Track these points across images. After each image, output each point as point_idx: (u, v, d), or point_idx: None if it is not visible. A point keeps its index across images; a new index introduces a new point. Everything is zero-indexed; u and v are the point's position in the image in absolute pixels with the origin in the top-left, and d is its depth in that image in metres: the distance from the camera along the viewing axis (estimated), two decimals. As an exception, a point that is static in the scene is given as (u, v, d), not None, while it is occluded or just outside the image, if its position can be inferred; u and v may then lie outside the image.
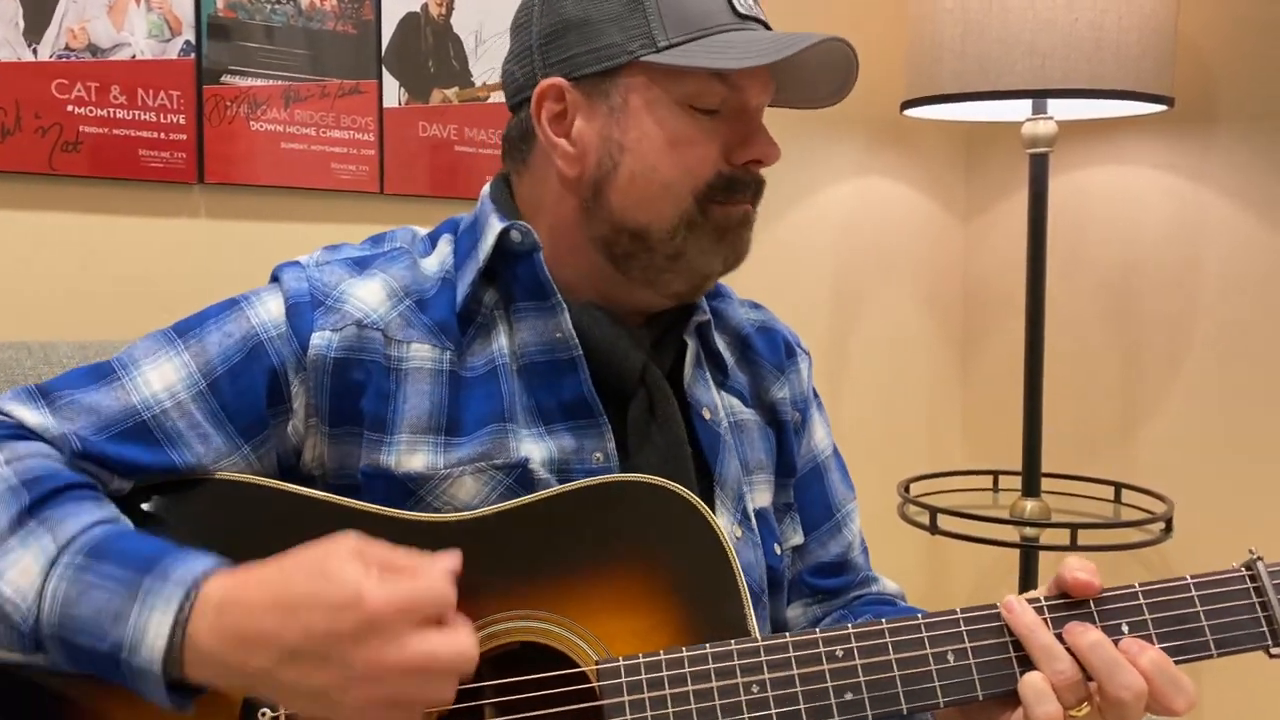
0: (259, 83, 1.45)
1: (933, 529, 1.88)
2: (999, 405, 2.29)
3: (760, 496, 1.02)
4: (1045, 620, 0.80)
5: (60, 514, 0.78)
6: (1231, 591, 0.81)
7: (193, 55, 1.41)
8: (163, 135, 1.40)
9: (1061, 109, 1.85)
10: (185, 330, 0.91)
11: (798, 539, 1.06)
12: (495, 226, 0.93)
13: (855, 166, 2.16)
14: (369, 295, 0.92)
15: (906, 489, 2.01)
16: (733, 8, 0.89)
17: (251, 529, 0.86)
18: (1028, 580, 1.90)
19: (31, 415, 0.85)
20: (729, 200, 0.91)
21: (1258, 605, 0.81)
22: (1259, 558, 0.82)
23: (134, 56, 1.37)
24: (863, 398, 2.21)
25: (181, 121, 1.41)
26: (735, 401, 1.03)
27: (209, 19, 1.41)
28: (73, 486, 0.81)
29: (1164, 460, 2.04)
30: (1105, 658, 0.77)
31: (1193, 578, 0.82)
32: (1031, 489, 1.91)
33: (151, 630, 0.71)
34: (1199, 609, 0.80)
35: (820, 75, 0.93)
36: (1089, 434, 2.15)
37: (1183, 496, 1.93)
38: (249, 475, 0.88)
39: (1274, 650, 0.81)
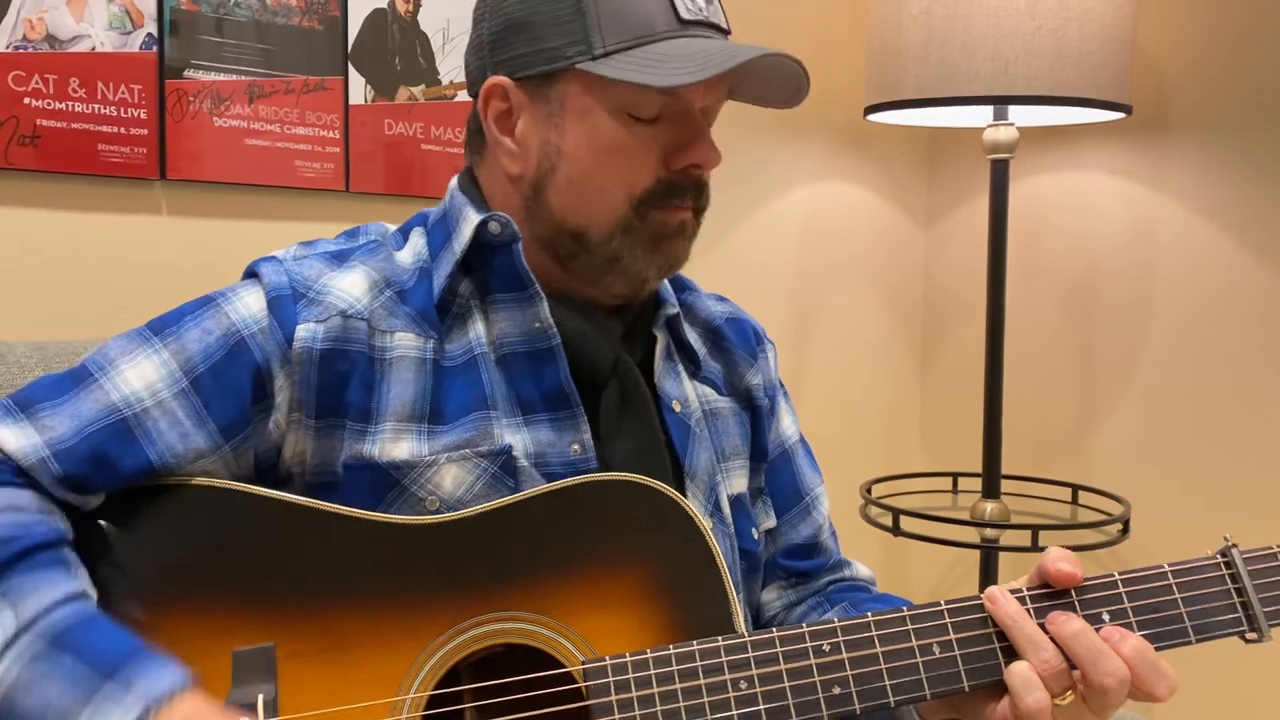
0: (222, 78, 1.43)
1: (895, 530, 1.90)
2: (957, 408, 2.32)
3: (736, 482, 1.03)
4: (1028, 610, 0.80)
5: (26, 585, 0.75)
6: (1208, 579, 0.82)
7: (155, 49, 1.38)
8: (123, 130, 1.37)
9: (1022, 115, 1.87)
10: (161, 328, 0.89)
11: (770, 522, 1.07)
12: (472, 219, 0.93)
13: (817, 171, 2.17)
14: (351, 286, 0.91)
15: (869, 490, 2.03)
16: (676, 14, 0.88)
17: (223, 534, 0.84)
18: (988, 581, 1.93)
19: (11, 435, 0.83)
20: (667, 205, 0.91)
21: (1233, 592, 0.82)
22: (1234, 545, 0.83)
23: (94, 49, 1.34)
24: (823, 400, 2.22)
25: (142, 116, 1.38)
26: (709, 391, 1.04)
27: (172, 12, 1.38)
28: (42, 547, 0.78)
29: (1120, 462, 2.08)
30: (1089, 646, 0.78)
31: (1170, 566, 0.83)
32: (992, 491, 1.93)
33: None
34: (1177, 596, 0.82)
35: (773, 80, 0.92)
36: (1046, 437, 2.18)
37: (1139, 498, 1.97)
38: (224, 480, 0.86)
39: (1249, 636, 0.82)
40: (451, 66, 1.63)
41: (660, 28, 0.87)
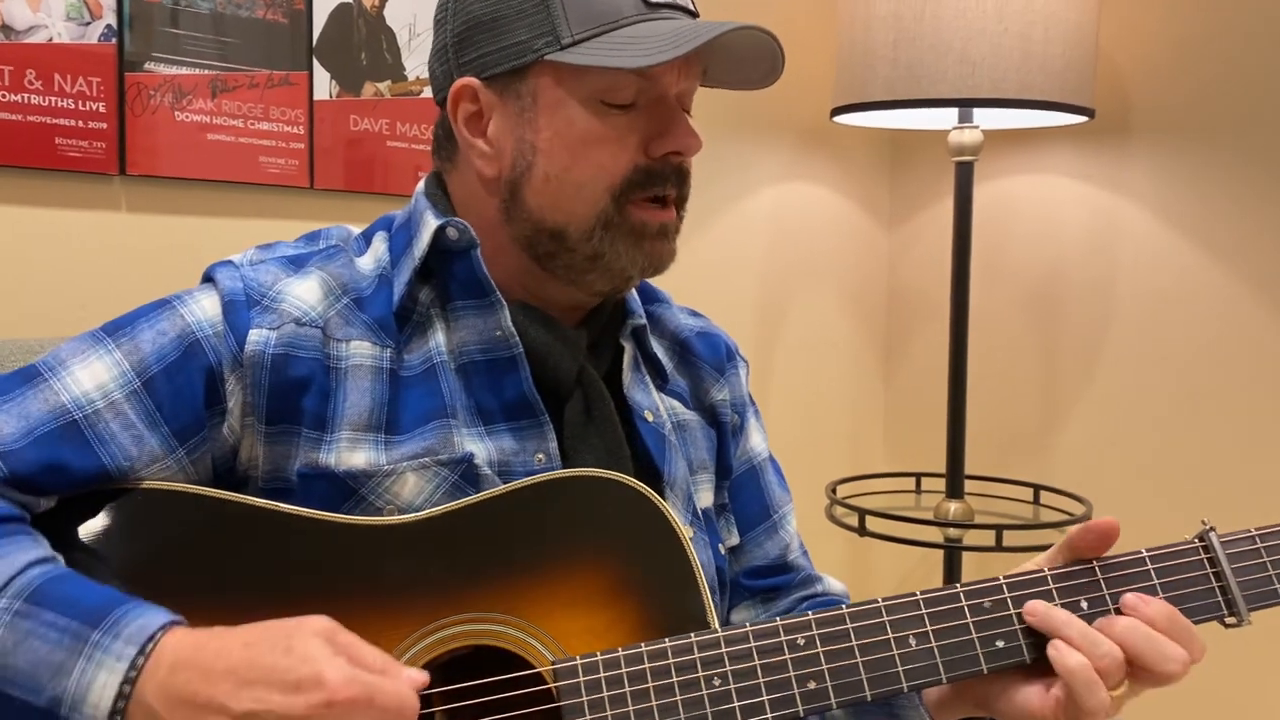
0: (184, 71, 1.40)
1: (861, 530, 1.90)
2: (920, 409, 2.33)
3: (704, 496, 1.02)
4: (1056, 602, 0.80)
5: None
6: (1187, 564, 0.81)
7: (114, 41, 1.35)
8: (81, 123, 1.33)
9: (986, 118, 1.89)
10: (115, 330, 0.87)
11: (734, 540, 1.06)
12: (431, 224, 0.91)
13: (783, 172, 2.17)
14: (306, 293, 0.90)
15: (833, 491, 2.03)
16: None
17: (187, 539, 0.83)
18: (952, 579, 1.94)
19: None
20: (648, 194, 0.90)
21: (1212, 576, 0.81)
22: (1211, 528, 0.82)
23: (51, 40, 1.31)
24: (787, 400, 2.22)
25: (101, 110, 1.34)
26: (676, 404, 1.03)
27: (132, 3, 1.35)
28: (4, 520, 0.77)
29: (1081, 462, 2.10)
30: (1145, 635, 0.77)
31: (1148, 551, 0.82)
32: (955, 491, 1.94)
33: (96, 689, 0.68)
34: (1155, 582, 0.81)
35: (747, 58, 0.91)
36: (1009, 437, 2.20)
37: (1100, 498, 1.99)
38: (181, 484, 0.85)
39: (1229, 620, 0.81)
40: (418, 62, 1.61)
41: (628, 11, 0.86)
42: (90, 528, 0.82)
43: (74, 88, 1.32)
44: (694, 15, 0.91)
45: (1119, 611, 0.80)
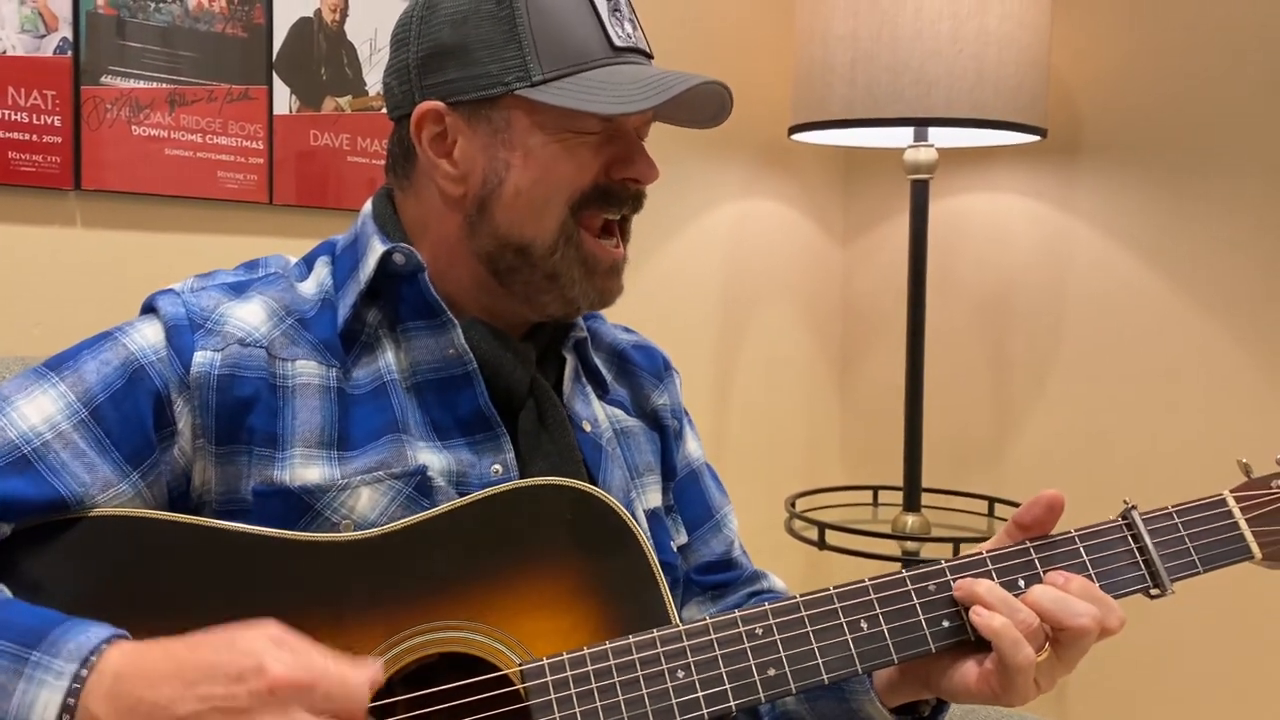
0: (142, 85, 1.38)
1: (821, 544, 1.92)
2: (875, 422, 2.36)
3: (651, 497, 1.05)
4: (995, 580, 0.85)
5: None
6: (1112, 540, 0.87)
7: (70, 53, 1.32)
8: (35, 137, 1.31)
9: (941, 137, 1.92)
10: (58, 364, 0.87)
11: (682, 539, 1.10)
12: (377, 250, 0.93)
13: (741, 189, 2.19)
14: (249, 315, 0.91)
15: (793, 504, 2.05)
16: (609, 41, 0.91)
17: (146, 563, 0.82)
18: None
19: None
20: (604, 210, 0.94)
21: (1136, 551, 0.87)
22: (1133, 506, 0.88)
23: (4, 52, 1.28)
24: (746, 414, 2.24)
25: (57, 123, 1.32)
26: (618, 412, 1.06)
27: (88, 15, 1.33)
28: None
29: (1033, 473, 2.14)
30: (1055, 598, 0.82)
31: (1076, 531, 0.88)
32: (912, 504, 1.96)
33: (39, 708, 0.68)
34: (1085, 559, 0.86)
35: (698, 103, 0.95)
36: (963, 450, 2.23)
37: (1051, 509, 2.02)
38: (138, 509, 0.84)
39: (1153, 592, 0.87)
40: (379, 78, 1.59)
41: (596, 54, 0.90)
42: (48, 554, 0.81)
43: (28, 101, 1.30)
44: (650, 56, 0.96)
45: None
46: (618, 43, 0.91)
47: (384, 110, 1.60)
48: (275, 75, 1.49)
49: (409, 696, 0.80)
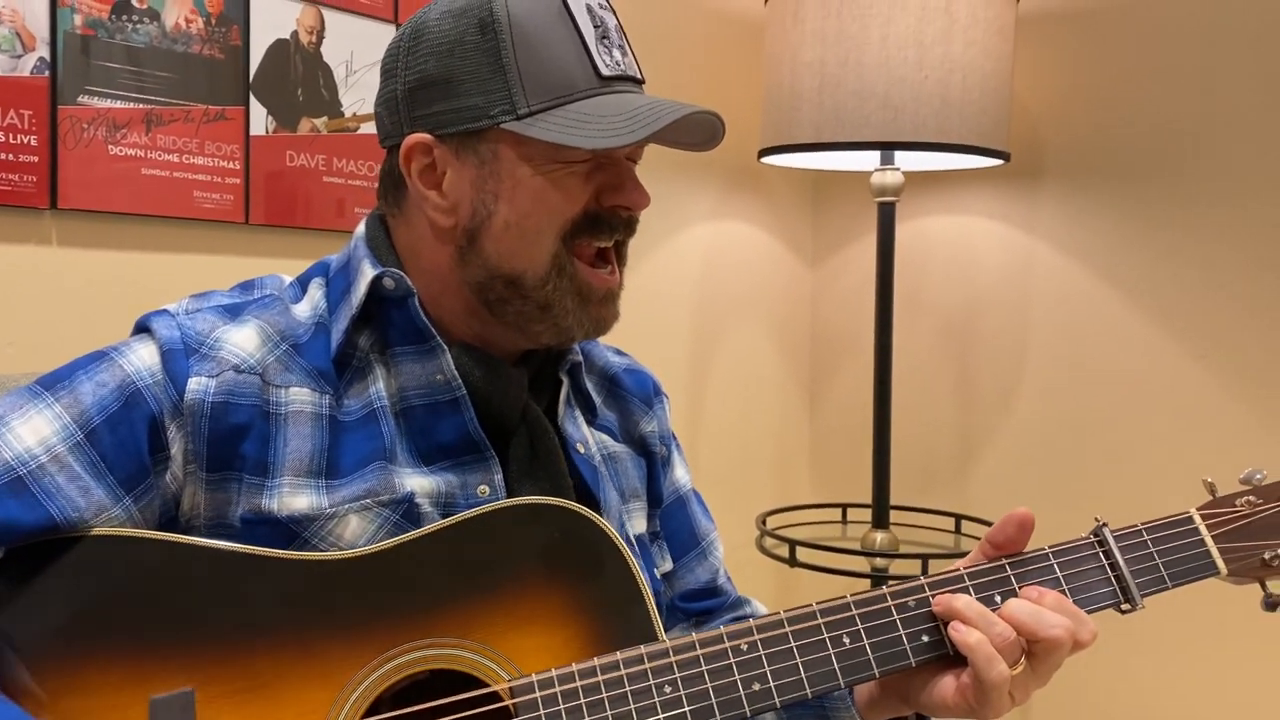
0: (119, 105, 1.38)
1: (792, 561, 1.94)
2: (844, 441, 2.39)
3: (637, 523, 1.05)
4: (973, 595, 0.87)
5: None
6: (1084, 557, 0.90)
7: (47, 73, 1.33)
8: (11, 156, 1.31)
9: (907, 160, 1.95)
10: (53, 383, 0.86)
11: (667, 565, 1.10)
12: (368, 274, 0.93)
13: (712, 210, 2.22)
14: (244, 341, 0.90)
15: (764, 522, 2.07)
16: (596, 71, 0.89)
17: (139, 582, 0.81)
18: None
19: None
20: (596, 238, 0.93)
21: (1107, 567, 0.89)
22: (1104, 524, 0.90)
23: (-19, 72, 1.29)
24: (718, 433, 2.26)
25: (33, 143, 1.32)
26: (605, 437, 1.06)
27: (65, 35, 1.34)
28: None
29: (998, 490, 2.17)
30: (1029, 611, 0.84)
31: (1050, 548, 0.90)
32: (881, 521, 1.99)
33: None
34: (1059, 575, 0.89)
35: (693, 130, 0.95)
36: (930, 468, 2.27)
37: (1017, 526, 2.05)
38: (131, 529, 0.84)
39: (1124, 607, 0.89)
40: (355, 99, 1.61)
41: (581, 85, 0.89)
42: (41, 576, 0.81)
43: (5, 120, 1.30)
44: (641, 82, 0.95)
45: None
46: (605, 71, 0.90)
47: (360, 131, 1.62)
48: (252, 96, 1.50)
49: (399, 713, 0.80)
